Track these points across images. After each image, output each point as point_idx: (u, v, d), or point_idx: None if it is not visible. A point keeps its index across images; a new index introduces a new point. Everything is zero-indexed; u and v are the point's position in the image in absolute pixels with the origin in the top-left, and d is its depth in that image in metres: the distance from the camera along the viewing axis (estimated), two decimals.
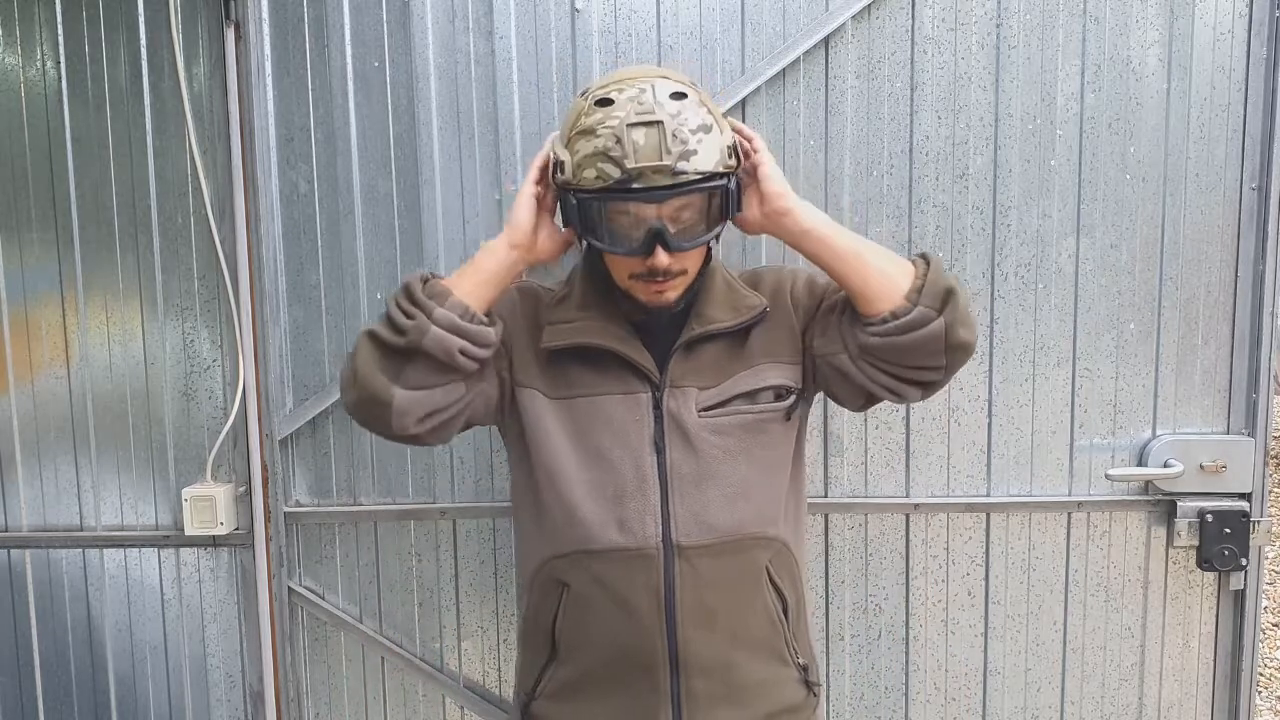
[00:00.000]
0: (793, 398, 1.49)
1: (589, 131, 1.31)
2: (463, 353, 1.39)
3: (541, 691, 1.52)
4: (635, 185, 1.30)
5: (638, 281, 1.41)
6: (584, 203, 1.34)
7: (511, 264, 1.45)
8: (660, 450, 1.44)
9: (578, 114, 1.35)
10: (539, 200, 1.45)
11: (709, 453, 1.44)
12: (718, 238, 1.42)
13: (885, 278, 1.39)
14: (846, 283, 1.41)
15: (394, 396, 1.38)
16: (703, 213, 1.36)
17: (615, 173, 1.30)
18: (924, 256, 1.43)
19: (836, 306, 1.48)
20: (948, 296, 1.37)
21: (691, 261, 1.42)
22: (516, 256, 1.45)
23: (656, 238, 1.33)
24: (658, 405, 1.45)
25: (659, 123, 1.29)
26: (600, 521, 1.43)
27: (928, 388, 1.45)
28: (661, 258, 1.34)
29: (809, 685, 1.56)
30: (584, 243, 1.43)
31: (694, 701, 1.44)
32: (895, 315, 1.37)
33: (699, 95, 1.36)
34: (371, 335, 1.41)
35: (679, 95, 1.32)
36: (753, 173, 1.43)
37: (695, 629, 1.43)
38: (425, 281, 1.42)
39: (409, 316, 1.38)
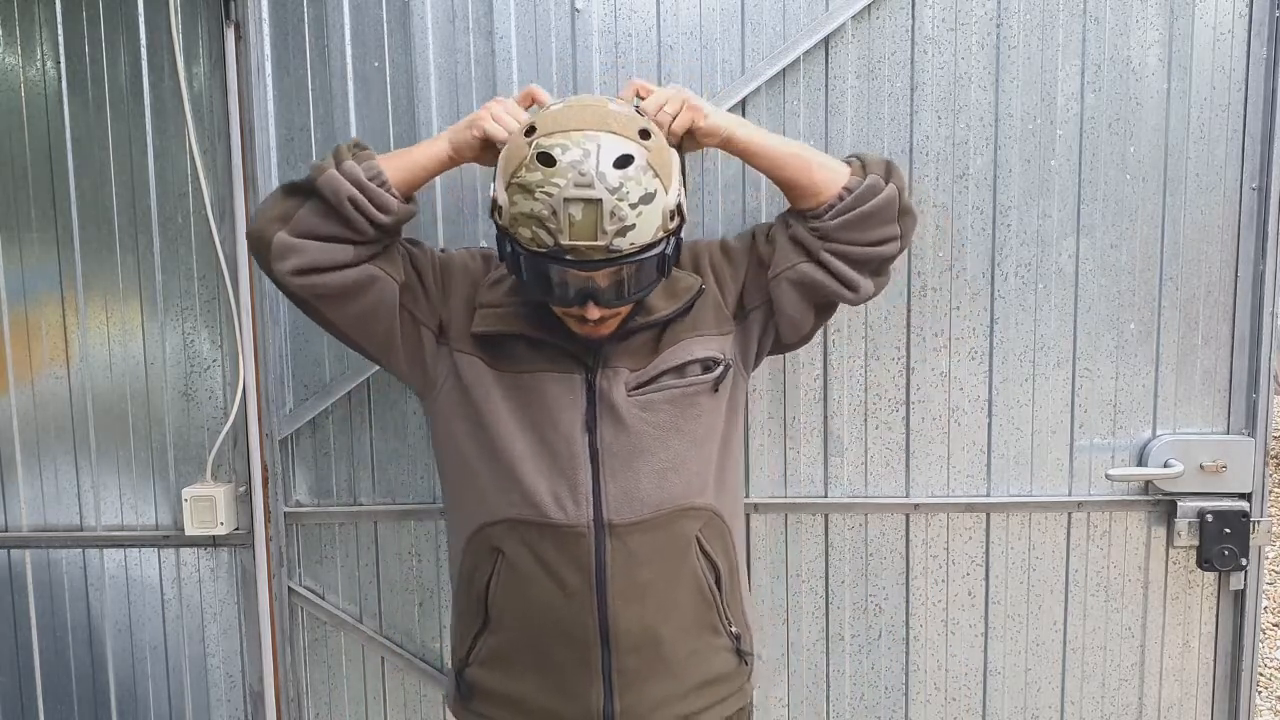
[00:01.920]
0: (720, 368, 1.52)
1: (527, 189, 1.29)
2: (352, 202, 1.42)
3: (475, 658, 1.55)
4: (568, 257, 1.30)
5: (570, 318, 1.42)
6: (517, 253, 1.35)
7: (444, 167, 1.51)
8: (591, 430, 1.46)
9: (519, 160, 1.31)
10: (484, 146, 1.47)
11: (639, 429, 1.46)
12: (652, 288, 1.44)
13: (828, 169, 1.52)
14: (795, 181, 1.51)
15: (275, 235, 1.43)
16: (638, 273, 1.36)
17: (549, 241, 1.30)
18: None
19: (777, 232, 1.55)
20: (890, 166, 1.54)
21: (626, 306, 1.42)
22: (450, 165, 1.51)
23: (589, 295, 1.34)
24: (591, 386, 1.47)
25: (597, 201, 1.27)
26: (538, 494, 1.45)
27: (880, 271, 1.56)
28: (593, 311, 1.36)
29: (741, 655, 1.58)
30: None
31: (625, 677, 1.47)
32: (849, 190, 1.49)
33: (647, 152, 1.31)
34: (284, 182, 1.50)
35: (624, 161, 1.29)
36: (690, 130, 1.48)
37: (625, 605, 1.45)
38: (357, 145, 1.49)
39: (320, 161, 1.46)
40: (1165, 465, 1.90)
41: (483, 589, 1.51)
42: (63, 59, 1.95)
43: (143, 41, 1.94)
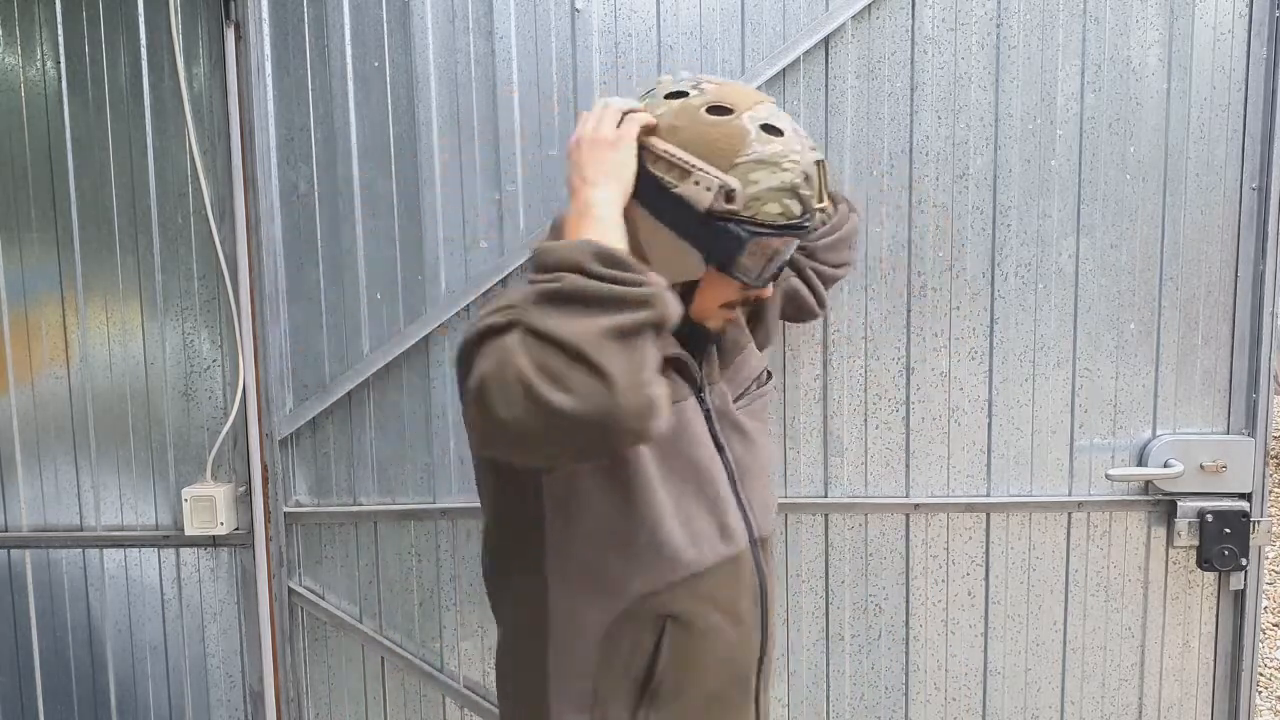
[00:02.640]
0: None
1: (771, 163, 1.21)
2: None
3: None
4: (808, 224, 1.26)
5: (723, 309, 1.35)
6: (755, 236, 1.22)
7: None
8: (721, 448, 1.38)
9: (741, 137, 1.21)
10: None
11: (756, 439, 1.44)
12: None
13: None
14: None
15: (656, 394, 1.07)
16: None
17: (798, 210, 1.24)
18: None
19: None
20: (847, 199, 1.73)
21: None
22: None
23: (783, 267, 1.31)
24: (704, 405, 1.39)
25: (824, 161, 1.27)
26: (707, 536, 1.32)
27: (828, 289, 1.72)
28: (769, 289, 1.36)
29: None
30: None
31: (763, 698, 1.44)
32: (829, 215, 1.64)
33: None
34: (611, 326, 1.05)
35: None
36: None
37: (776, 620, 1.45)
38: (599, 252, 1.12)
39: (634, 285, 1.08)
40: (1165, 465, 1.90)
41: (644, 667, 1.31)
42: (63, 59, 1.95)
43: (143, 41, 1.94)
